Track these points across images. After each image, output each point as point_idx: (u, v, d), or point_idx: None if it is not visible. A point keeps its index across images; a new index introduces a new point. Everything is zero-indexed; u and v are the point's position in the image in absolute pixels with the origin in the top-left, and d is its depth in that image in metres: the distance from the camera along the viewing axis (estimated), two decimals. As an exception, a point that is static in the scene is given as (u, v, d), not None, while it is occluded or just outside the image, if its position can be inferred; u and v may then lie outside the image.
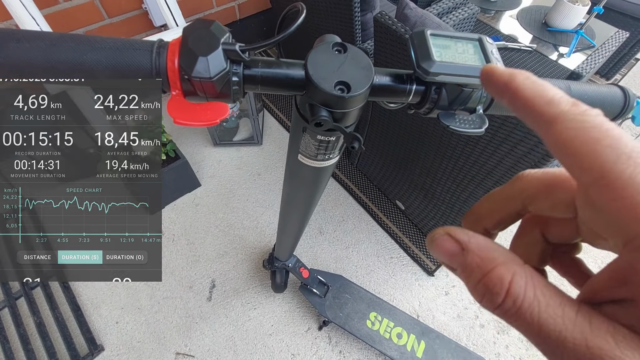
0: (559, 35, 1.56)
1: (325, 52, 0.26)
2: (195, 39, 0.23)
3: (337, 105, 0.25)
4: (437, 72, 0.24)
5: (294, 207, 0.49)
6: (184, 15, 1.57)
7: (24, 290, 1.14)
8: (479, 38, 0.26)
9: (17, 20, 0.97)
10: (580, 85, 0.29)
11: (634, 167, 0.11)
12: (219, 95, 0.25)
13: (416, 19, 0.84)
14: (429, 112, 0.27)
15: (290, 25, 0.25)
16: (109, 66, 0.23)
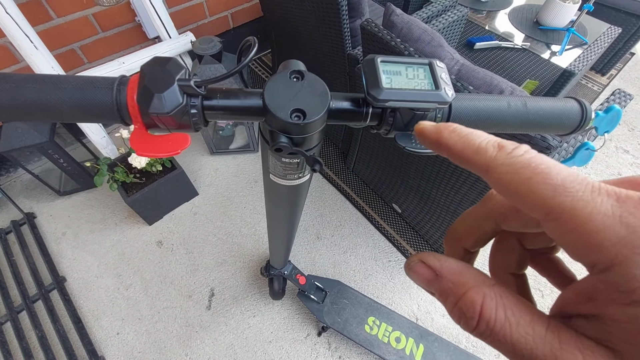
0: (551, 33, 1.56)
1: (283, 80, 0.26)
2: (151, 77, 0.24)
3: (295, 132, 0.26)
4: (385, 98, 0.25)
5: (278, 221, 0.50)
6: (179, 26, 1.59)
7: (25, 304, 1.15)
8: (429, 63, 0.26)
9: (11, 38, 0.99)
10: (536, 101, 0.30)
11: (571, 197, 0.12)
12: (179, 127, 0.26)
13: (402, 25, 0.85)
14: (387, 132, 0.28)
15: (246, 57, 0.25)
16: (73, 105, 0.24)
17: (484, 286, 0.14)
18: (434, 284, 0.15)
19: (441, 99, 0.25)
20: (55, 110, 0.24)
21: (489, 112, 0.29)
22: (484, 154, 0.14)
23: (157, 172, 1.26)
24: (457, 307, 0.14)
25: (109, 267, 1.27)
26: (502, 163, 0.14)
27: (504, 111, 0.29)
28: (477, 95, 0.29)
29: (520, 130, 0.31)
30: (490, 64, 1.64)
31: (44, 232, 1.34)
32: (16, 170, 1.48)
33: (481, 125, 0.29)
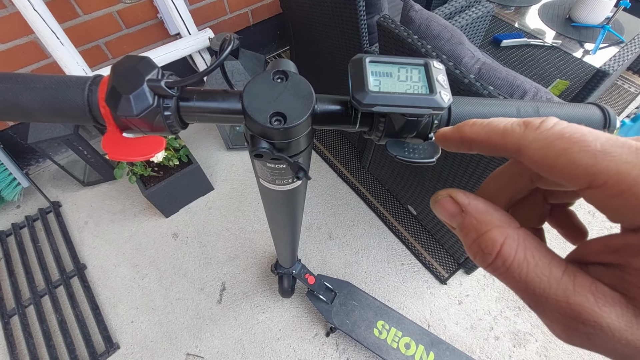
0: (584, 30, 1.47)
1: (265, 80, 0.25)
2: (119, 77, 0.23)
3: (276, 137, 0.24)
4: (370, 103, 0.22)
5: (278, 225, 0.49)
6: (200, 23, 1.61)
7: (48, 289, 1.21)
8: (425, 63, 0.24)
9: (38, 34, 1.03)
10: (550, 107, 0.27)
11: (615, 161, 0.11)
12: (154, 129, 0.25)
13: (421, 22, 0.82)
14: (379, 139, 0.26)
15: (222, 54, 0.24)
16: (45, 105, 0.23)
17: (508, 227, 0.14)
18: (457, 218, 0.16)
19: (435, 104, 0.22)
20: (28, 110, 0.23)
21: None
22: (512, 134, 0.14)
23: (174, 166, 1.28)
24: (476, 242, 0.14)
25: (126, 256, 1.31)
26: (533, 139, 0.13)
27: (512, 117, 0.26)
28: (482, 100, 0.27)
29: None
30: (517, 62, 1.57)
31: (68, 220, 1.40)
32: (44, 160, 1.56)
33: None
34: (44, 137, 1.20)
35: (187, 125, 0.27)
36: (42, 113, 0.24)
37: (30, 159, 1.52)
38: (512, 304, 1.18)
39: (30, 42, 1.22)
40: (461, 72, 0.71)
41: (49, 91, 0.23)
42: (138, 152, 0.25)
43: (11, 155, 1.36)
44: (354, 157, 1.57)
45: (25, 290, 1.22)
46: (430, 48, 0.76)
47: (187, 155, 1.30)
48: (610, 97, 1.74)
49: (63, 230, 1.35)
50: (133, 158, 0.25)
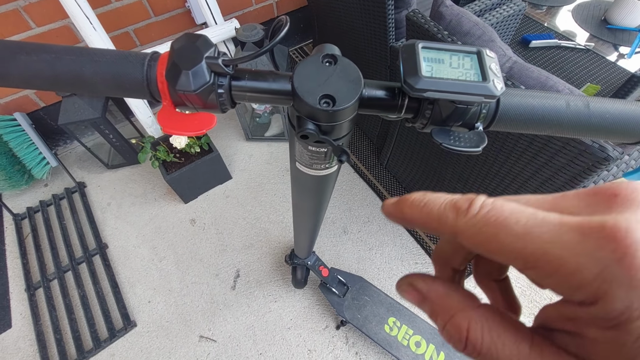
0: (620, 33, 1.41)
1: (314, 63, 0.25)
2: (179, 54, 0.24)
3: (323, 119, 0.25)
4: (423, 88, 0.22)
5: (303, 211, 0.50)
6: (225, 13, 1.63)
7: (71, 265, 1.26)
8: (478, 51, 0.24)
9: (73, 19, 1.06)
10: (601, 102, 0.26)
11: (538, 243, 0.12)
12: (206, 106, 0.25)
13: (452, 17, 0.81)
14: (424, 127, 0.26)
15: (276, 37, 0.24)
16: (106, 77, 0.24)
17: (469, 309, 0.14)
18: (424, 305, 0.16)
19: (488, 91, 0.22)
20: (90, 82, 0.24)
21: (544, 111, 0.26)
22: (446, 221, 0.14)
23: (195, 153, 1.31)
24: (445, 329, 0.15)
25: (146, 238, 1.35)
26: (464, 225, 0.13)
27: (561, 111, 0.26)
28: (531, 92, 0.26)
29: (579, 135, 0.27)
30: (547, 64, 1.52)
31: (92, 200, 1.45)
32: (72, 142, 1.61)
33: (532, 125, 0.26)
34: (73, 119, 1.24)
35: (236, 105, 0.27)
36: (102, 86, 0.25)
37: (59, 140, 1.58)
38: (527, 310, 1.16)
39: (64, 27, 1.26)
40: (492, 70, 0.69)
41: (111, 65, 0.24)
42: (190, 127, 0.26)
43: (41, 135, 1.42)
44: (372, 153, 1.57)
45: (50, 265, 1.27)
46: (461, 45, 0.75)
47: (208, 143, 1.33)
48: (643, 104, 1.67)
49: (87, 210, 1.40)
50: (185, 133, 0.26)
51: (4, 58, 0.23)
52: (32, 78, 0.24)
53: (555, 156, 0.69)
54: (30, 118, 1.40)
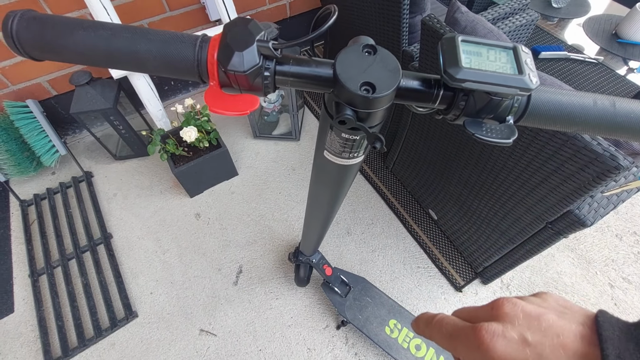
0: (631, 48, 1.42)
1: (355, 52, 0.26)
2: (233, 36, 0.25)
3: (362, 105, 0.26)
4: (463, 78, 0.23)
5: (319, 203, 0.50)
6: (239, 11, 1.64)
7: (76, 253, 1.27)
8: (514, 47, 0.25)
9: (91, 9, 1.07)
10: (627, 102, 0.27)
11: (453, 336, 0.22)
12: (251, 88, 0.26)
13: (467, 24, 0.81)
14: (456, 118, 0.27)
15: (323, 25, 0.25)
16: (158, 56, 0.25)
17: None
18: None
19: (524, 84, 0.23)
20: (143, 59, 0.25)
21: (572, 109, 0.27)
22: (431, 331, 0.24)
23: (204, 148, 1.32)
24: None
25: (150, 230, 1.35)
26: (430, 331, 0.24)
27: (589, 109, 0.27)
28: (560, 90, 0.27)
29: (604, 134, 0.28)
30: (556, 76, 1.53)
31: (99, 190, 1.46)
32: (81, 131, 1.63)
33: (561, 122, 0.27)
34: (85, 109, 1.26)
35: (277, 89, 0.28)
36: (154, 64, 0.26)
37: (69, 129, 1.59)
38: (528, 319, 1.16)
39: (81, 16, 1.28)
40: (505, 76, 0.70)
41: (164, 44, 0.25)
42: (235, 107, 0.27)
43: (52, 124, 1.43)
44: (378, 156, 1.58)
45: (55, 252, 1.28)
46: (475, 50, 0.76)
47: (217, 138, 1.34)
48: (650, 120, 1.68)
49: (93, 200, 1.41)
50: (230, 112, 0.27)
51: (62, 33, 0.24)
52: (88, 53, 0.25)
53: (565, 164, 0.69)
54: (42, 106, 1.42)
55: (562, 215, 0.79)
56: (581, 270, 1.26)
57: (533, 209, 0.86)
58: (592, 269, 1.27)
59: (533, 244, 0.95)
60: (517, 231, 0.96)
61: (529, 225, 0.91)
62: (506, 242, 1.03)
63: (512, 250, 1.03)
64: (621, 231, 1.36)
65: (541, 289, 1.22)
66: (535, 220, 0.88)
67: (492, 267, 1.16)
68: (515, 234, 0.97)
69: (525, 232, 0.94)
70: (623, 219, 1.39)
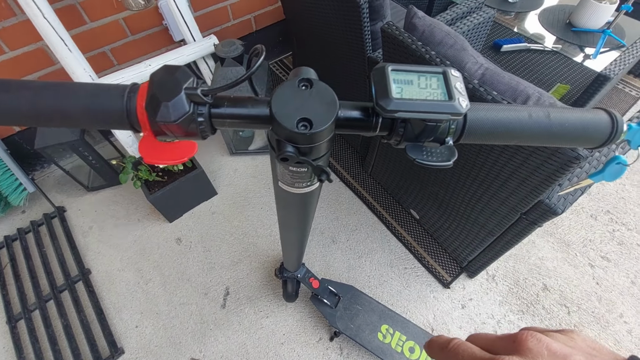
0: (585, 35, 1.48)
1: (291, 87, 0.26)
2: (159, 85, 0.24)
3: (302, 141, 0.26)
4: (394, 109, 0.24)
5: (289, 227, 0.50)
6: (204, 29, 1.63)
7: (53, 294, 1.21)
8: (443, 71, 0.25)
9: (47, 41, 1.05)
10: (561, 112, 0.28)
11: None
12: (186, 134, 0.26)
13: (424, 28, 0.83)
14: (398, 143, 0.27)
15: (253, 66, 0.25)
16: (87, 110, 0.25)
17: None
18: None
19: (454, 110, 0.24)
20: (71, 116, 0.25)
21: (508, 123, 0.27)
22: (440, 355, 0.23)
23: (178, 171, 1.30)
24: None
25: (130, 261, 1.31)
26: (446, 356, 0.23)
27: (524, 122, 0.27)
28: (495, 105, 0.28)
29: (543, 143, 0.29)
30: (518, 67, 1.58)
31: (73, 225, 1.41)
32: (49, 166, 1.57)
33: (499, 137, 0.28)
34: (50, 143, 1.21)
35: (216, 131, 0.28)
36: (83, 119, 0.25)
37: (36, 164, 1.54)
38: (516, 308, 1.18)
39: (38, 49, 1.24)
40: (465, 77, 0.72)
41: (91, 98, 0.24)
42: (172, 156, 0.26)
43: (17, 161, 1.38)
44: (356, 162, 1.58)
45: (31, 294, 1.22)
46: (434, 54, 0.77)
47: (191, 160, 1.31)
48: (610, 101, 1.75)
49: (68, 235, 1.36)
50: (168, 162, 0.26)
51: None
52: (13, 114, 0.24)
53: (530, 157, 0.71)
54: (4, 143, 1.36)
55: (534, 206, 0.81)
56: (561, 253, 1.30)
57: (507, 202, 0.88)
58: (571, 251, 1.30)
59: (511, 235, 0.97)
60: (494, 224, 0.98)
61: (505, 217, 0.93)
62: (486, 235, 1.05)
63: (493, 242, 1.05)
64: (595, 211, 1.41)
65: (525, 276, 1.25)
66: (510, 212, 0.90)
67: (476, 260, 1.17)
68: (494, 226, 0.99)
69: (502, 224, 0.96)
70: (595, 199, 1.44)
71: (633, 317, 1.16)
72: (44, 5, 0.99)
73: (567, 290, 1.22)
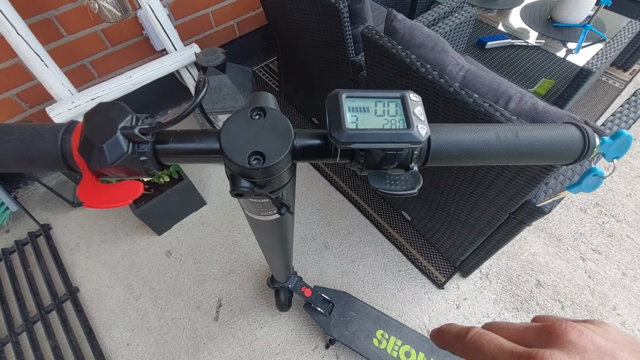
0: (566, 30, 1.49)
1: (243, 118, 0.24)
2: (92, 127, 0.22)
3: (257, 175, 0.24)
4: (348, 141, 0.22)
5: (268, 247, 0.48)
6: (186, 37, 1.61)
7: (40, 315, 1.18)
8: (401, 96, 0.24)
9: (22, 58, 1.02)
10: (530, 130, 0.27)
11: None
12: (130, 174, 0.24)
13: (404, 31, 0.82)
14: (361, 171, 0.26)
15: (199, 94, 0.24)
16: (17, 155, 0.23)
17: None
18: None
19: (413, 138, 0.22)
20: (2, 161, 0.23)
21: (475, 145, 0.26)
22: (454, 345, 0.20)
23: (165, 183, 1.27)
24: None
25: (120, 277, 1.29)
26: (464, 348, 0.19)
27: (491, 143, 0.26)
28: (460, 127, 0.27)
29: (512, 162, 0.28)
30: (503, 63, 1.59)
31: (59, 242, 1.37)
32: (33, 183, 1.53)
33: (466, 159, 0.27)
34: (31, 160, 1.18)
35: (166, 167, 0.26)
36: (15, 163, 0.23)
37: (19, 182, 1.50)
38: (510, 305, 1.18)
39: (14, 65, 1.21)
40: (446, 80, 0.71)
41: (22, 142, 0.23)
42: (115, 198, 0.24)
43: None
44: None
45: (18, 317, 1.19)
46: (415, 58, 0.76)
47: (177, 171, 1.29)
48: (595, 94, 1.77)
49: (54, 254, 1.33)
50: (110, 205, 0.24)
51: None
52: None
53: (504, 170, 0.72)
54: (-16, 162, 1.33)
55: (522, 206, 0.81)
56: (553, 248, 1.30)
57: (495, 202, 0.88)
58: (563, 245, 1.31)
59: (501, 234, 0.96)
60: (484, 224, 0.98)
61: (494, 217, 0.92)
62: (477, 235, 1.04)
63: (484, 241, 1.05)
64: (584, 204, 1.41)
65: (518, 273, 1.25)
66: (499, 211, 0.89)
67: (469, 260, 1.17)
68: (484, 226, 0.99)
69: (492, 224, 0.95)
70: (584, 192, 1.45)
71: (626, 308, 1.16)
72: (17, 20, 0.97)
73: (560, 285, 1.22)
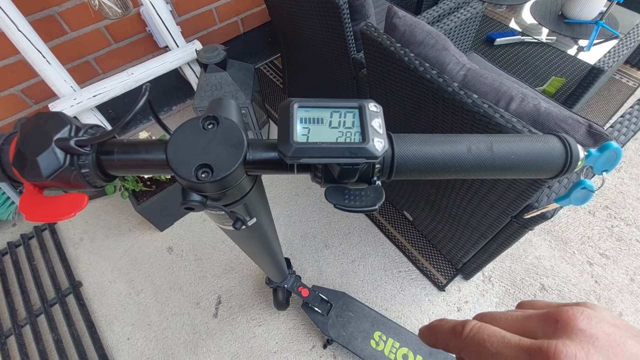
0: (578, 27, 1.44)
1: (193, 128, 0.23)
2: (25, 139, 0.21)
3: (207, 189, 0.23)
4: (296, 155, 0.21)
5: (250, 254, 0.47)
6: (189, 34, 1.61)
7: (44, 308, 1.20)
8: (359, 106, 0.22)
9: (24, 54, 1.03)
10: (506, 142, 0.25)
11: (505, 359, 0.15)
12: (72, 187, 0.23)
13: (405, 28, 0.80)
14: (321, 184, 0.24)
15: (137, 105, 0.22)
16: None
17: None
18: None
19: (368, 153, 0.21)
20: None
21: (443, 158, 0.24)
22: (449, 342, 0.18)
23: (166, 179, 1.28)
24: None
25: (122, 272, 1.30)
26: (461, 345, 0.17)
27: (462, 157, 0.24)
28: (430, 137, 0.25)
29: (487, 176, 0.26)
30: (512, 60, 1.55)
31: (63, 237, 1.39)
32: (39, 177, 1.56)
33: (435, 173, 0.25)
34: (35, 156, 1.20)
35: (114, 178, 0.25)
36: None
37: (25, 177, 1.52)
38: (512, 309, 1.15)
39: (19, 62, 1.22)
40: (444, 80, 0.69)
41: None
42: (58, 212, 0.23)
43: (5, 174, 1.36)
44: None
45: (22, 309, 1.22)
46: (413, 56, 0.74)
47: (179, 168, 1.29)
48: (608, 92, 1.71)
49: (58, 248, 1.35)
50: (53, 219, 0.24)
51: None
52: None
53: (500, 180, 0.70)
54: (-9, 157, 1.35)
55: (524, 210, 0.79)
56: (559, 251, 1.27)
57: (496, 205, 0.86)
58: (569, 249, 1.27)
59: (504, 237, 0.94)
60: (486, 226, 0.96)
61: (496, 220, 0.90)
62: (479, 238, 1.02)
63: (486, 244, 1.03)
64: (593, 207, 1.37)
65: (522, 277, 1.22)
66: (501, 215, 0.87)
67: (471, 262, 1.15)
68: (485, 229, 0.97)
69: (494, 227, 0.93)
70: (593, 194, 1.41)
71: (632, 315, 1.13)
72: (18, 17, 0.97)
73: (565, 290, 1.19)
